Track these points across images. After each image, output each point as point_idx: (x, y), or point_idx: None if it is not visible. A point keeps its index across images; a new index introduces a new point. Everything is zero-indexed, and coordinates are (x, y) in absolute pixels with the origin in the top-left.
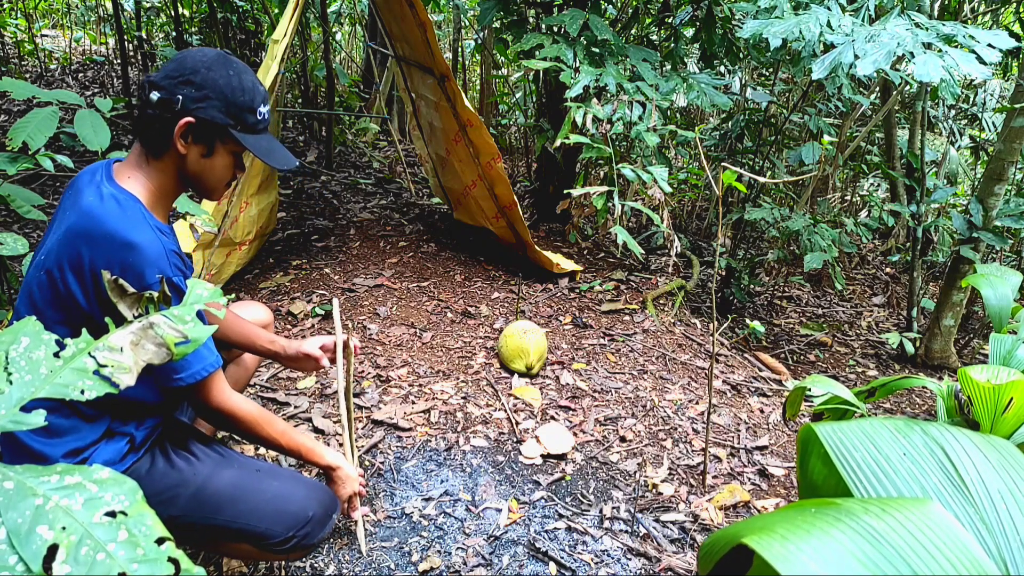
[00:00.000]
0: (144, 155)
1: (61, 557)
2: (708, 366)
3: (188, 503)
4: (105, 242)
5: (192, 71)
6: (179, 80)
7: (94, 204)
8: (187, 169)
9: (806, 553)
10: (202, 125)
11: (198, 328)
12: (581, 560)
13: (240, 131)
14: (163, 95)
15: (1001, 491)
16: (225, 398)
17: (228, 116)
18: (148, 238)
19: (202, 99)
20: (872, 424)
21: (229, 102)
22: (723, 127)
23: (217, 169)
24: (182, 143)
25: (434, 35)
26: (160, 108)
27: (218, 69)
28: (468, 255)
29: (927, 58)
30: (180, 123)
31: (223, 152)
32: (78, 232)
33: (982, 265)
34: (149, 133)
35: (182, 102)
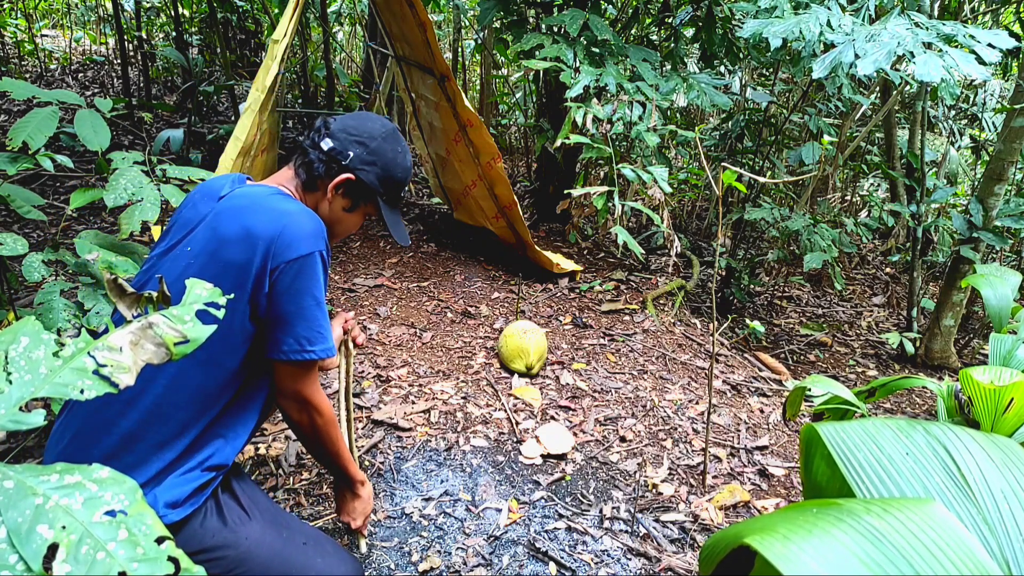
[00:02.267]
0: (296, 183)
1: (61, 556)
2: (708, 366)
3: (233, 565)
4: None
5: (370, 136)
6: (355, 139)
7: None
8: (325, 213)
9: (808, 553)
10: (358, 185)
11: (197, 328)
12: (581, 560)
13: (384, 201)
14: (336, 146)
15: (1004, 491)
16: (319, 390)
17: (381, 185)
18: (302, 209)
19: (369, 163)
20: (875, 424)
21: (389, 175)
22: (723, 127)
23: (349, 224)
24: (333, 192)
25: (434, 35)
26: (328, 156)
27: (391, 143)
28: (468, 255)
29: (927, 58)
30: (341, 176)
31: (361, 212)
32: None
33: (982, 265)
34: (309, 171)
35: (351, 159)
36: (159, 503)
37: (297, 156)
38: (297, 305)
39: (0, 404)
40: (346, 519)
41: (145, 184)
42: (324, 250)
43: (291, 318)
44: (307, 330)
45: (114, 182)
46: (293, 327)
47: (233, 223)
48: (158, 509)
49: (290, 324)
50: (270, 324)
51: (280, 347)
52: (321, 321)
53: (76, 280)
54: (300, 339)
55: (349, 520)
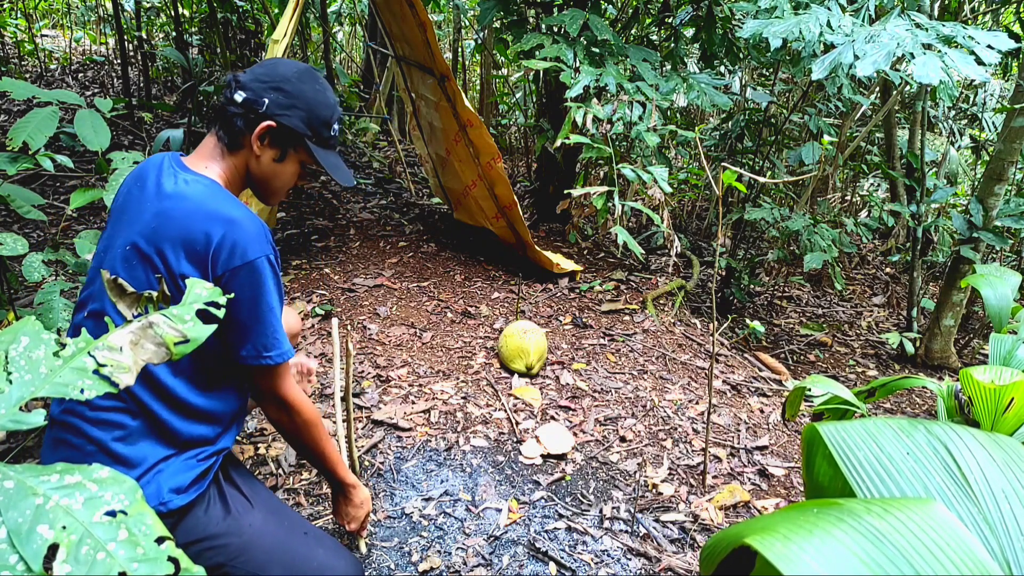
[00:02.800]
0: (219, 147)
1: (61, 556)
2: (708, 366)
3: (236, 554)
4: (210, 220)
5: (283, 79)
6: (269, 85)
7: (180, 188)
8: (256, 169)
9: (808, 553)
10: (281, 131)
11: (197, 327)
12: (581, 560)
13: (315, 143)
14: (249, 96)
15: (1005, 490)
16: (295, 389)
17: (308, 127)
18: (245, 214)
19: (288, 107)
20: (875, 423)
21: (312, 115)
22: (723, 127)
23: (284, 175)
24: (258, 144)
25: (434, 35)
26: (244, 108)
27: (308, 82)
28: (468, 255)
29: (927, 59)
30: (261, 125)
31: (293, 160)
32: (177, 214)
33: (982, 265)
34: (228, 128)
35: (267, 106)
36: (164, 489)
37: (215, 120)
38: (249, 312)
39: (0, 404)
40: (342, 523)
41: None
42: (271, 254)
43: (244, 326)
44: (262, 336)
45: (114, 182)
46: (248, 334)
47: (172, 228)
48: (163, 495)
49: (244, 331)
50: (226, 330)
51: (239, 352)
52: (275, 326)
53: (76, 280)
54: (256, 346)
55: (344, 524)
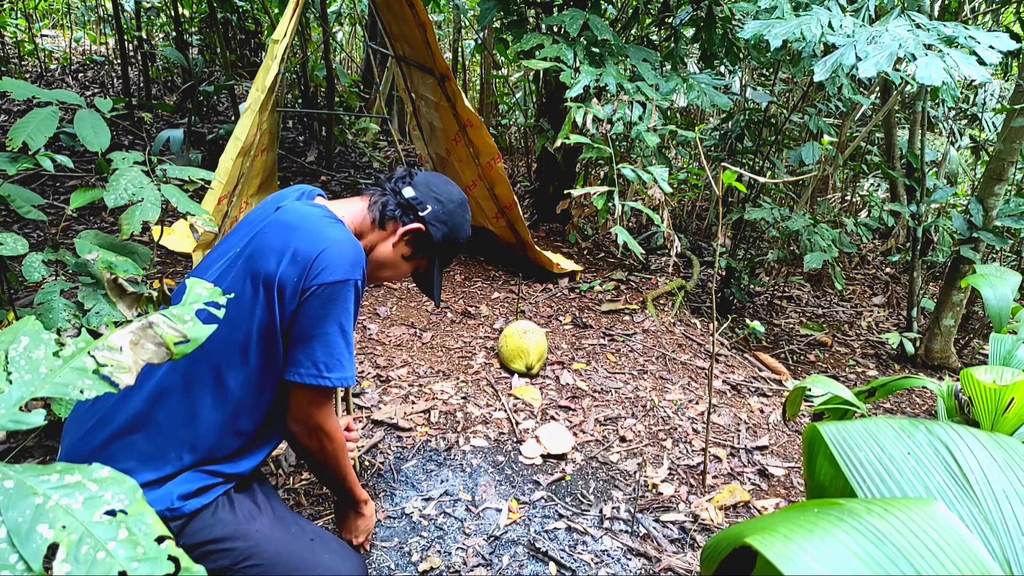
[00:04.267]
0: (369, 217)
1: (61, 556)
2: (708, 366)
3: (241, 558)
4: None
5: (448, 198)
6: (434, 196)
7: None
8: (383, 252)
9: (809, 553)
10: (425, 238)
11: (197, 327)
12: (581, 560)
13: (439, 260)
14: (418, 196)
15: (1006, 490)
16: (332, 416)
17: (442, 244)
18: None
19: (441, 221)
20: (876, 423)
21: (452, 236)
22: (723, 127)
23: (400, 271)
24: (400, 237)
25: (434, 35)
26: (407, 204)
27: (462, 210)
28: (468, 255)
29: (928, 60)
30: (415, 225)
31: (415, 263)
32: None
33: (982, 265)
34: (384, 210)
35: (428, 213)
36: (173, 495)
37: (375, 193)
38: (322, 329)
39: (0, 404)
40: (348, 536)
41: (146, 184)
42: (360, 280)
43: (313, 341)
44: (327, 356)
45: (114, 182)
46: (313, 350)
47: (278, 237)
48: (172, 501)
49: (311, 347)
50: (291, 343)
51: (298, 368)
52: (343, 349)
53: (76, 280)
54: (319, 363)
55: (351, 538)
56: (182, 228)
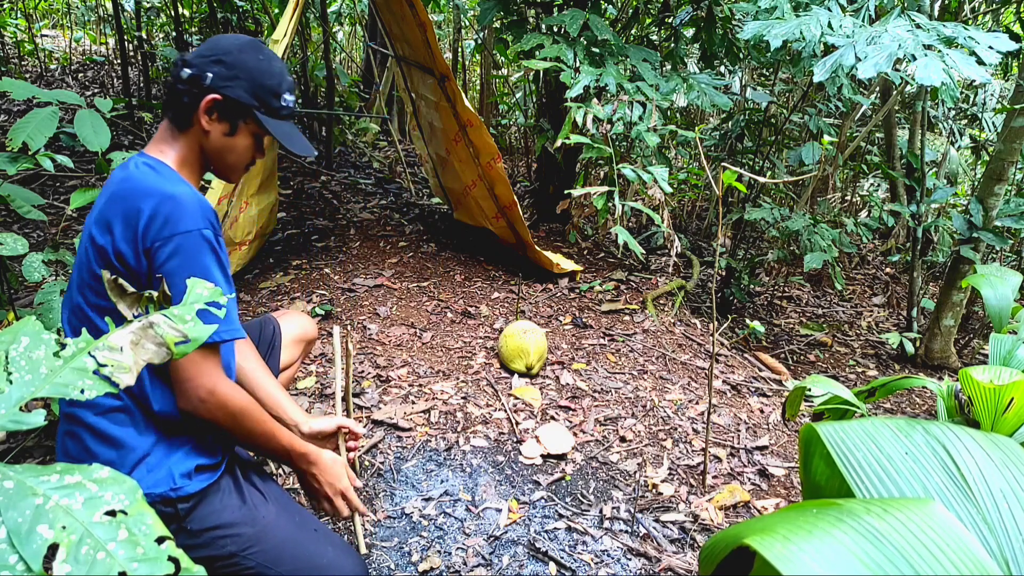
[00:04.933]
0: (171, 129)
1: (61, 556)
2: (708, 366)
3: (248, 543)
4: (147, 197)
5: (224, 52)
6: (211, 59)
7: (130, 172)
8: (209, 145)
9: (808, 553)
10: (227, 103)
11: (198, 327)
12: (581, 560)
13: (264, 114)
14: (194, 72)
15: (1004, 490)
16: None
17: (253, 98)
18: (186, 191)
19: (231, 78)
20: (874, 423)
21: (256, 84)
22: (723, 127)
23: (238, 149)
24: (206, 119)
25: (434, 35)
26: (189, 84)
27: (249, 52)
28: (468, 255)
29: (928, 61)
30: (206, 99)
31: (245, 133)
32: (121, 195)
33: (982, 265)
34: (177, 107)
35: (211, 79)
36: (175, 474)
37: (165, 102)
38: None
39: (0, 404)
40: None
41: None
42: (207, 228)
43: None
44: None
45: None
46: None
47: (118, 206)
48: (175, 480)
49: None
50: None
51: None
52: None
53: None
54: None
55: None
56: None
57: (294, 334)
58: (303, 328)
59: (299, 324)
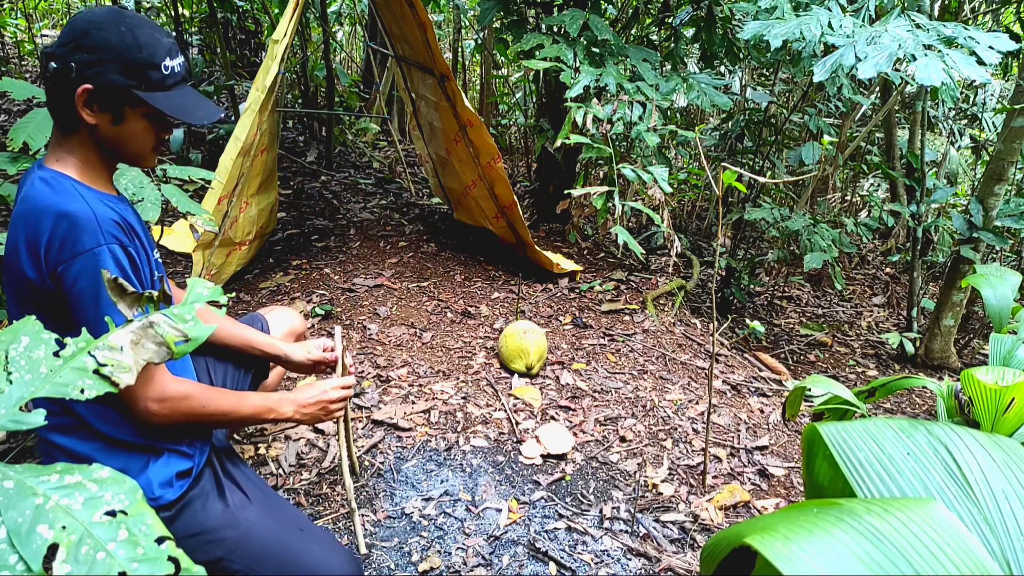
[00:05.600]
0: (61, 133)
1: (61, 556)
2: (708, 366)
3: (234, 547)
4: (42, 218)
5: (82, 34)
6: (72, 46)
7: (28, 190)
8: (103, 140)
9: (808, 553)
10: (102, 91)
11: (198, 327)
12: (581, 560)
13: (145, 91)
14: (58, 65)
15: (1005, 491)
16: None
17: (129, 77)
18: (80, 207)
19: (96, 63)
20: (876, 424)
21: (126, 61)
22: (723, 127)
23: (135, 135)
24: (87, 112)
25: (434, 35)
26: (57, 79)
27: (110, 28)
28: (468, 255)
29: (929, 60)
30: (78, 92)
31: (134, 116)
32: (22, 216)
33: (982, 265)
34: (56, 108)
35: (76, 69)
36: (153, 484)
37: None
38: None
39: (0, 404)
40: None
41: (146, 184)
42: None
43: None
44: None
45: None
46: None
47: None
48: (153, 490)
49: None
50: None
51: None
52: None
53: None
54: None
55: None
56: (182, 228)
57: (282, 329)
58: (291, 323)
59: (287, 319)
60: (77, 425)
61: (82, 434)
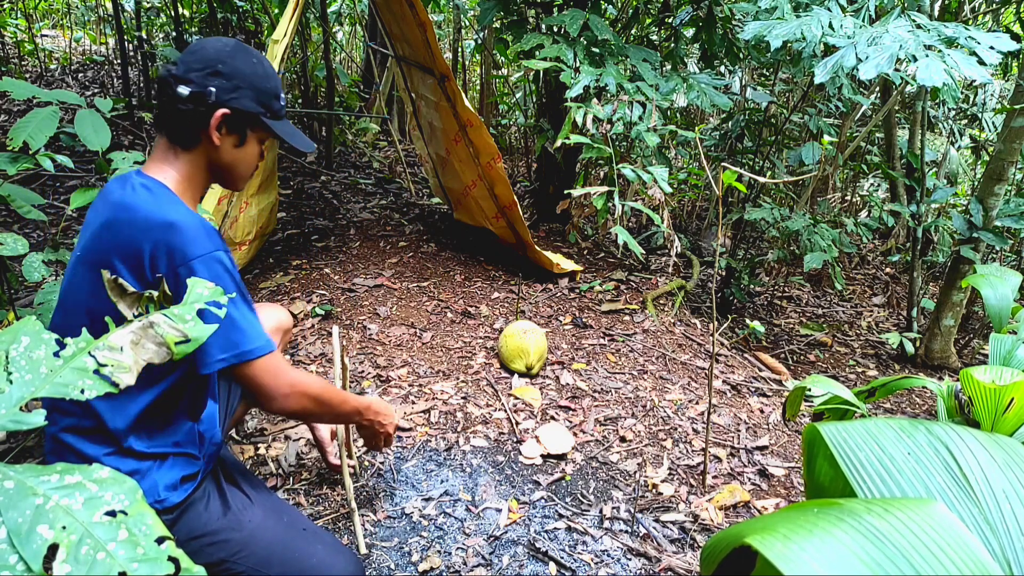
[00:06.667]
0: (172, 148)
1: (61, 556)
2: (708, 366)
3: (237, 549)
4: (145, 226)
5: (217, 61)
6: (207, 72)
7: (126, 195)
8: (219, 160)
9: (809, 553)
10: (236, 115)
11: (198, 327)
12: (581, 560)
13: (269, 118)
14: (194, 89)
15: (1006, 490)
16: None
17: (259, 105)
18: (185, 215)
19: (234, 89)
20: (876, 424)
21: (258, 90)
22: (723, 127)
23: (248, 158)
24: (217, 135)
25: (434, 35)
26: (192, 102)
27: (241, 57)
28: (468, 255)
29: (930, 61)
30: (216, 115)
31: (253, 140)
32: (117, 224)
33: (982, 265)
34: (179, 126)
35: (215, 94)
36: (159, 486)
37: (161, 122)
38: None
39: (0, 404)
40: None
41: None
42: (217, 250)
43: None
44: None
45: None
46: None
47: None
48: (159, 493)
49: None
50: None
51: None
52: (248, 316)
53: None
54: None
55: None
56: None
57: (270, 325)
58: (278, 319)
59: (274, 315)
60: (95, 428)
61: (98, 438)
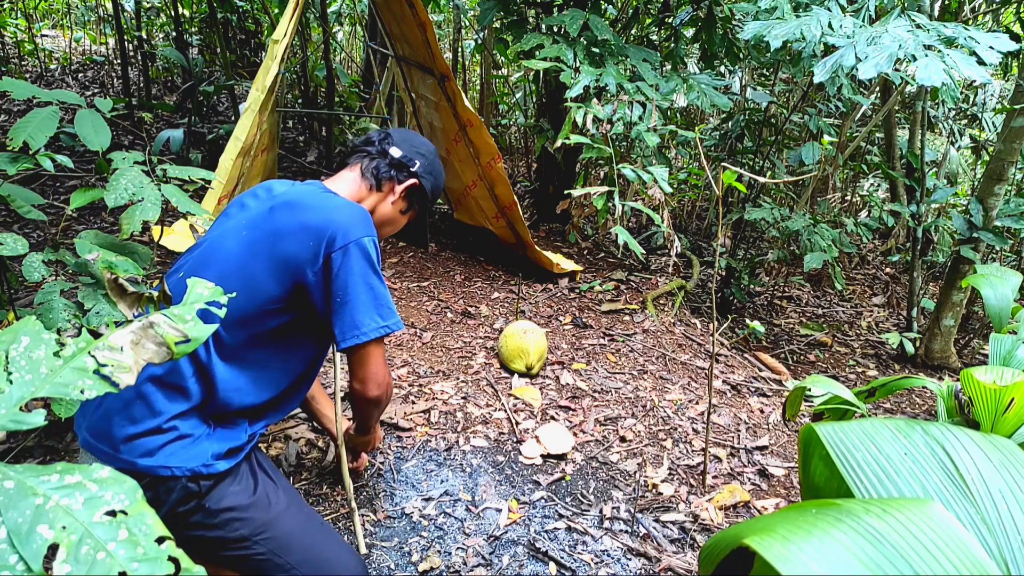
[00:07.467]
0: (365, 184)
1: (61, 556)
2: (708, 366)
3: (260, 528)
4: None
5: (425, 150)
6: (416, 151)
7: (297, 188)
8: (384, 211)
9: (807, 554)
10: (419, 190)
11: (198, 327)
12: (581, 560)
13: (427, 208)
14: (404, 156)
15: (1002, 490)
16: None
17: (431, 193)
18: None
19: (427, 173)
20: (873, 424)
21: (435, 185)
22: (723, 127)
23: (398, 224)
24: (398, 195)
25: (434, 35)
26: (398, 163)
27: (436, 158)
28: (468, 255)
29: (929, 61)
30: (411, 181)
31: (410, 215)
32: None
33: (982, 265)
34: (377, 172)
35: (418, 168)
36: (208, 453)
37: (361, 159)
38: (359, 287)
39: (0, 404)
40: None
41: (146, 184)
42: (373, 236)
43: (357, 301)
44: (377, 306)
45: (114, 182)
46: (361, 308)
47: (287, 218)
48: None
49: (357, 306)
50: (335, 313)
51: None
52: (386, 297)
53: (76, 280)
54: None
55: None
56: (182, 228)
57: None
58: None
59: None
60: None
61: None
